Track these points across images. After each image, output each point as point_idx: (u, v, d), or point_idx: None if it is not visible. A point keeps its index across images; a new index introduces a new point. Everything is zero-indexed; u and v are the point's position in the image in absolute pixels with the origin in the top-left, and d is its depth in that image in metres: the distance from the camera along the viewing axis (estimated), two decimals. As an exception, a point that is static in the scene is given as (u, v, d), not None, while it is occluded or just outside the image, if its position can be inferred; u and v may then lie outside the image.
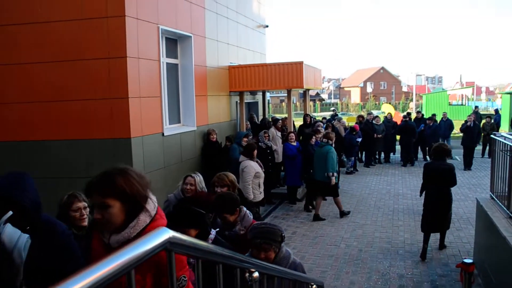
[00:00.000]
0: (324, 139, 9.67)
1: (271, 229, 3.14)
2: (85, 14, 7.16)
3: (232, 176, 5.12)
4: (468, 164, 14.94)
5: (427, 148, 15.76)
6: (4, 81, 7.51)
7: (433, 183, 7.12)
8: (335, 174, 9.37)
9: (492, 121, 17.60)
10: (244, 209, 4.16)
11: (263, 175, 8.25)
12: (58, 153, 7.35)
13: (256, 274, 1.60)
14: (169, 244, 0.98)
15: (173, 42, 9.29)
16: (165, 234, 0.97)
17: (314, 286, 3.04)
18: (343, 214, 9.63)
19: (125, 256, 0.86)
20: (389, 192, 11.78)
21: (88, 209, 3.59)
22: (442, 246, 7.59)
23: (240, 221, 4.08)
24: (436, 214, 7.11)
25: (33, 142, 7.46)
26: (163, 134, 8.33)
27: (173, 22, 8.70)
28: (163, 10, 8.29)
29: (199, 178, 5.30)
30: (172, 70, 9.25)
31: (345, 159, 13.80)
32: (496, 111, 22.49)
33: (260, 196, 8.25)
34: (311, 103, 66.46)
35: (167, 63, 8.91)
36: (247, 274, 1.59)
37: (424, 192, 7.45)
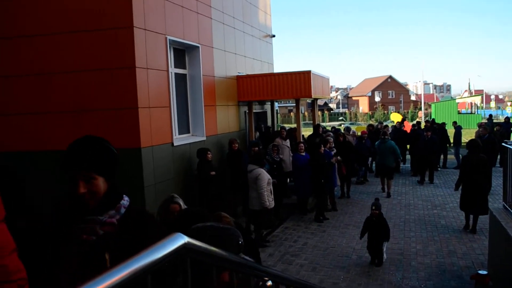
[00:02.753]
0: (386, 137, 12.64)
1: (223, 233, 2.06)
2: (94, 25, 7.20)
3: (230, 219, 3.80)
4: None
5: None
6: (17, 91, 7.56)
7: (470, 173, 8.53)
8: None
9: (503, 129, 17.40)
10: None
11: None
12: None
13: (269, 283, 1.54)
14: (184, 250, 0.93)
15: (181, 53, 9.31)
16: (180, 240, 0.92)
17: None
18: (389, 195, 12.29)
19: (140, 262, 0.82)
20: (400, 203, 11.64)
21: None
22: (474, 230, 8.73)
23: None
24: (473, 199, 8.49)
25: (45, 152, 7.46)
26: (172, 144, 8.31)
27: (181, 33, 8.72)
28: (170, 20, 8.31)
29: (181, 201, 4.19)
30: (181, 80, 9.26)
31: (357, 167, 13.74)
32: (507, 119, 22.16)
33: (272, 204, 8.39)
34: (320, 112, 66.42)
35: (175, 73, 8.92)
36: (260, 283, 1.53)
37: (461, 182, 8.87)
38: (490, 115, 24.21)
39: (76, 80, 7.33)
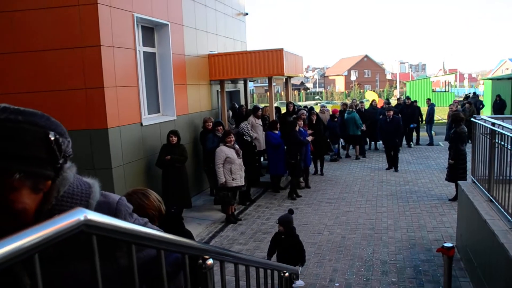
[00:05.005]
0: (350, 109, 14.79)
1: (14, 126, 1.11)
2: (56, 2, 6.94)
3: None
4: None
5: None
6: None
7: (455, 143, 9.11)
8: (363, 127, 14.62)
9: (472, 106, 17.61)
10: None
11: (237, 162, 8.35)
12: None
13: (210, 262, 1.47)
14: (86, 227, 0.85)
15: (150, 31, 9.08)
16: (80, 213, 0.84)
17: (287, 274, 2.88)
18: (358, 157, 14.69)
19: (27, 237, 0.74)
20: (373, 179, 11.75)
21: None
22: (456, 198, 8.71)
23: None
24: (454, 167, 9.08)
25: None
26: (141, 124, 8.15)
27: (149, 10, 8.49)
28: (138, -3, 8.07)
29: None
30: (150, 59, 9.05)
31: (331, 146, 13.83)
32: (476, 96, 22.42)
33: (233, 183, 8.35)
34: (296, 92, 66.41)
35: (144, 52, 8.71)
36: (200, 261, 1.46)
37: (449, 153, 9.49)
38: (474, 93, 24.08)
39: (40, 60, 7.08)
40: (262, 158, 11.71)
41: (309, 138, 10.65)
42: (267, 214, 9.00)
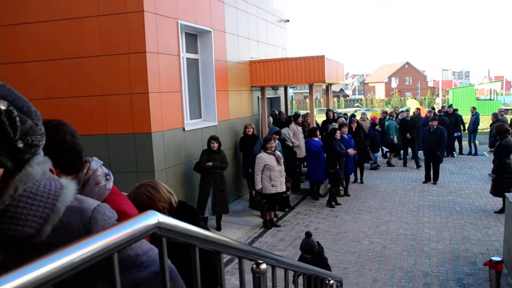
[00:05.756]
0: (387, 116, 15.68)
1: None
2: (104, 10, 7.19)
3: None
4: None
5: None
6: (29, 78, 7.59)
7: (498, 157, 8.78)
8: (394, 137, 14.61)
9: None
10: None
11: (278, 168, 8.34)
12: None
13: (263, 266, 1.49)
14: (158, 229, 0.89)
15: (193, 37, 9.25)
16: (153, 216, 0.88)
17: (332, 281, 2.87)
18: (390, 164, 14.95)
19: (107, 238, 0.78)
20: (414, 188, 11.51)
21: None
22: (502, 210, 8.33)
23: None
24: (498, 180, 8.74)
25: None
26: (184, 129, 8.30)
27: (192, 17, 8.65)
28: (181, 5, 8.25)
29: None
30: (193, 65, 9.21)
31: (371, 155, 13.65)
32: None
33: (271, 190, 8.36)
34: (335, 99, 65.87)
35: (187, 58, 8.88)
36: (254, 266, 1.48)
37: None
38: None
39: (88, 66, 7.33)
40: (302, 165, 11.70)
41: (351, 152, 10.41)
42: (306, 221, 8.96)
